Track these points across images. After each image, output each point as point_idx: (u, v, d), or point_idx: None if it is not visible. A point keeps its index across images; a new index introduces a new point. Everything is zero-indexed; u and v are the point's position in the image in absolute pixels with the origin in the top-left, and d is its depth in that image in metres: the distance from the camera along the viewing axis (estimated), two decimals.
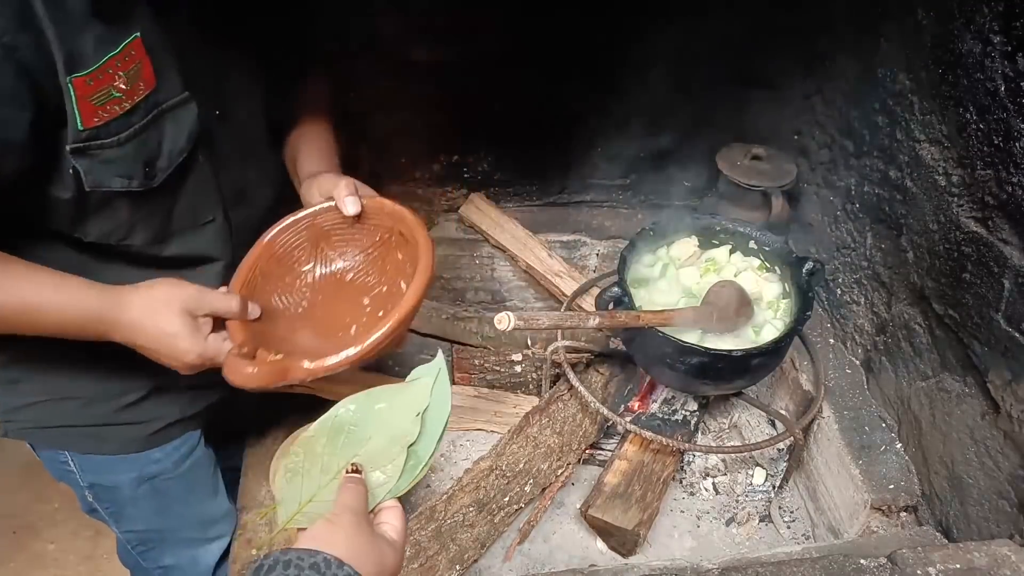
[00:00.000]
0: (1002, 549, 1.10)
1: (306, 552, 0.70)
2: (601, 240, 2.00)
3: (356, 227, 1.11)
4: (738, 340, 1.44)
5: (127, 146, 0.94)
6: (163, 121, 0.97)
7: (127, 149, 0.94)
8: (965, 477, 1.28)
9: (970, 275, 1.24)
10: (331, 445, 0.87)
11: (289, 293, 1.11)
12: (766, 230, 1.59)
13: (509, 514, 1.44)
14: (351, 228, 1.11)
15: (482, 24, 1.76)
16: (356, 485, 0.83)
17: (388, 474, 0.86)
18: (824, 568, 1.10)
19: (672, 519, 1.58)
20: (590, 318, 1.25)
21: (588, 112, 1.92)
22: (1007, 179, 1.14)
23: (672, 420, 1.60)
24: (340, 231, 1.12)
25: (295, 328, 1.07)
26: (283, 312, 1.08)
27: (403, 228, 1.07)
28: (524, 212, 2.04)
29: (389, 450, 0.87)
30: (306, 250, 1.12)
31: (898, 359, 1.48)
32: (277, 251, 1.11)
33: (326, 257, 1.13)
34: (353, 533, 0.76)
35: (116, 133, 0.92)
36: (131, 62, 0.90)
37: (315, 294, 1.12)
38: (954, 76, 1.24)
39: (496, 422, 1.72)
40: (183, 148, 1.01)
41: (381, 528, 0.82)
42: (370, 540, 0.77)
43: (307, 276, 1.12)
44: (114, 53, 0.88)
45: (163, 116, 0.97)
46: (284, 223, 1.11)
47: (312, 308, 1.10)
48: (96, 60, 0.86)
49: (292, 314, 1.08)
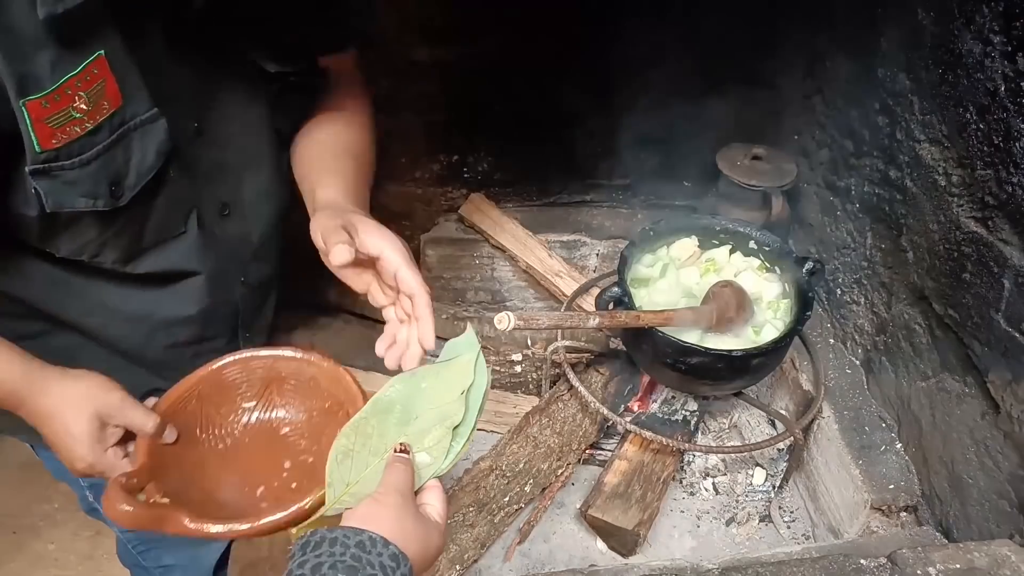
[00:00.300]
0: (1002, 549, 1.09)
1: (352, 530, 0.71)
2: (601, 240, 1.99)
3: (312, 384, 1.04)
4: (738, 340, 1.44)
5: (91, 166, 0.91)
6: (130, 139, 0.93)
7: (91, 169, 0.91)
8: (965, 477, 1.28)
9: (970, 275, 1.24)
10: (380, 426, 0.88)
11: (218, 426, 1.04)
12: (766, 230, 1.59)
13: (509, 514, 1.44)
14: (308, 382, 1.05)
15: (482, 24, 1.76)
16: (403, 465, 0.82)
17: (434, 455, 0.86)
18: (824, 568, 1.10)
19: (672, 519, 1.58)
20: (590, 318, 1.25)
21: (588, 112, 1.92)
22: (1007, 179, 1.14)
23: (672, 420, 1.60)
24: (295, 382, 1.05)
25: (207, 465, 1.00)
26: (203, 443, 1.02)
27: (351, 410, 0.98)
28: (524, 212, 2.04)
29: (434, 430, 0.87)
30: (255, 387, 1.05)
31: (898, 359, 1.48)
32: (225, 379, 1.04)
33: (271, 401, 1.06)
34: (399, 513, 0.76)
35: (78, 154, 0.89)
36: (93, 81, 0.86)
37: (244, 435, 1.04)
38: (954, 76, 1.24)
39: (496, 422, 1.72)
40: (152, 165, 0.97)
41: (424, 509, 0.82)
42: (415, 520, 0.78)
43: (244, 415, 1.05)
44: (73, 74, 0.84)
45: (130, 134, 0.93)
46: (243, 355, 1.04)
47: (234, 450, 1.03)
48: (53, 82, 0.83)
49: (211, 448, 1.02)
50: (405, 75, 1.80)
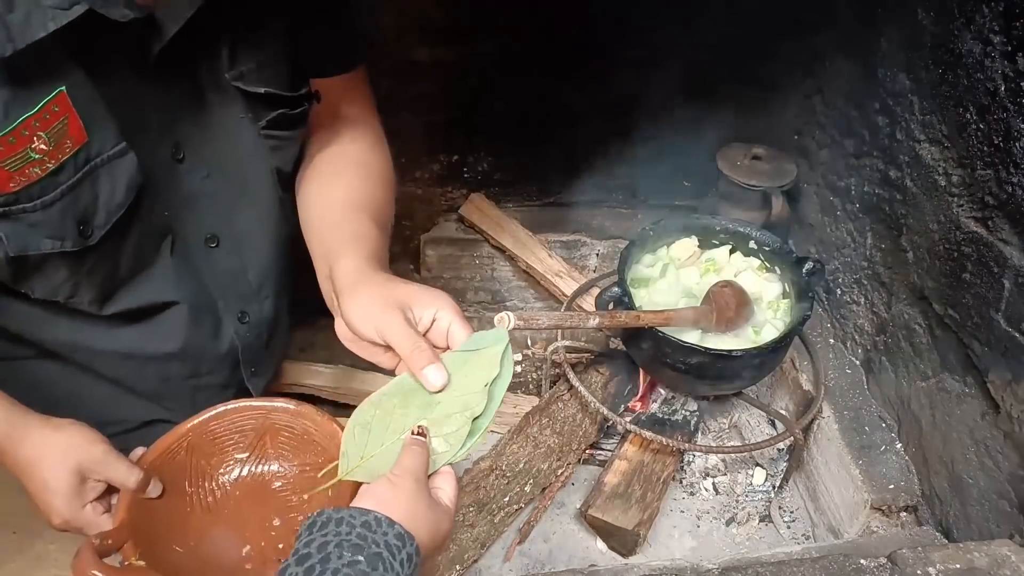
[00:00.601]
0: (1002, 549, 1.09)
1: (358, 511, 0.71)
2: (601, 240, 1.99)
3: (306, 438, 1.00)
4: (738, 340, 1.44)
5: (54, 207, 0.86)
6: (97, 175, 0.88)
7: (54, 210, 0.86)
8: (965, 477, 1.28)
9: (970, 275, 1.24)
10: (403, 406, 0.86)
11: (208, 478, 0.99)
12: (766, 230, 1.59)
13: (509, 514, 1.44)
14: (301, 436, 1.00)
15: (482, 24, 1.76)
16: (420, 448, 0.81)
17: (451, 443, 0.84)
18: (824, 568, 1.10)
19: (672, 519, 1.58)
20: (590, 318, 1.25)
21: (588, 112, 1.92)
22: (1007, 179, 1.14)
23: (672, 420, 1.60)
24: (289, 434, 1.01)
25: (193, 519, 0.95)
26: (190, 496, 0.97)
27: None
28: (524, 212, 2.04)
29: (455, 418, 0.84)
30: (248, 438, 1.01)
31: (898, 359, 1.48)
32: (218, 429, 1.00)
33: (264, 453, 1.02)
34: (412, 497, 0.76)
35: (39, 196, 0.84)
36: (54, 119, 0.81)
37: (234, 488, 1.00)
38: (954, 76, 1.24)
39: (496, 422, 1.71)
40: (123, 202, 0.92)
41: (436, 494, 0.81)
42: (427, 505, 0.77)
43: (235, 466, 1.01)
44: (30, 114, 0.79)
45: (97, 171, 0.88)
46: (237, 405, 1.00)
47: (222, 505, 0.98)
48: (7, 124, 0.78)
49: (198, 502, 0.97)
50: (405, 75, 1.80)
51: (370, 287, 0.89)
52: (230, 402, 1.01)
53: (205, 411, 0.99)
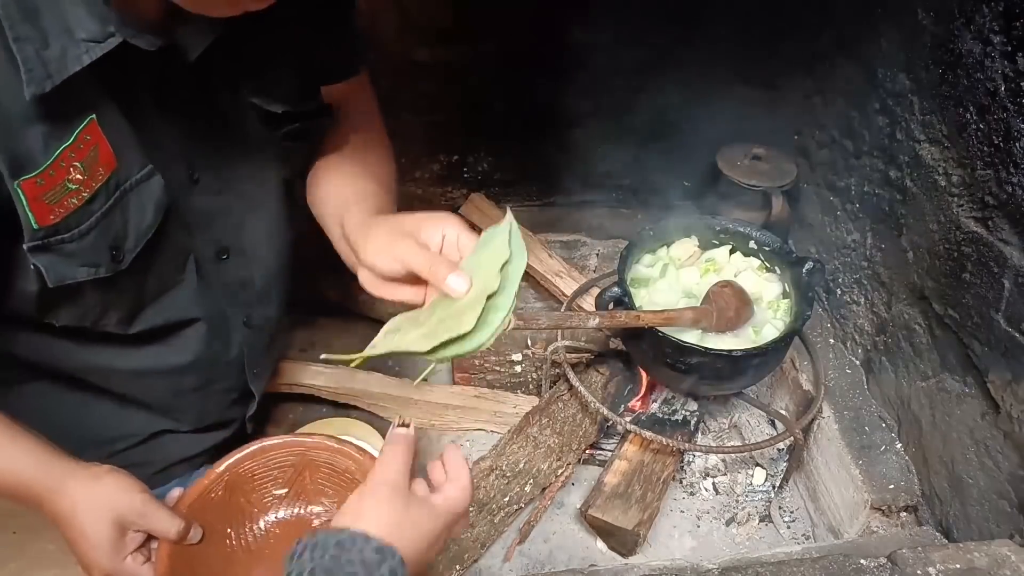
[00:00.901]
0: (1002, 549, 1.09)
1: (333, 532, 0.70)
2: (601, 240, 1.99)
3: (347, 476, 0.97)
4: (738, 340, 1.44)
5: (90, 235, 0.87)
6: (127, 201, 0.89)
7: (89, 239, 0.87)
8: (965, 477, 1.28)
9: (970, 275, 1.24)
10: (430, 312, 0.85)
11: (248, 518, 0.98)
12: (766, 230, 1.59)
13: (509, 514, 1.44)
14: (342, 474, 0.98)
15: (482, 24, 1.76)
16: (399, 447, 0.79)
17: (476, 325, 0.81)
18: (824, 568, 1.10)
19: (672, 519, 1.58)
20: (590, 318, 1.25)
21: (588, 112, 1.92)
22: (1007, 179, 1.14)
23: (672, 420, 1.60)
24: (329, 471, 0.99)
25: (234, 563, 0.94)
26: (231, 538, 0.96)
27: None
28: (524, 212, 2.04)
29: (476, 306, 0.82)
30: (286, 474, 0.99)
31: (898, 359, 1.48)
32: (255, 466, 0.98)
33: (304, 490, 1.00)
34: (388, 505, 0.74)
35: (76, 226, 0.85)
36: (87, 148, 0.82)
37: (274, 527, 0.98)
38: (954, 76, 1.24)
39: (496, 422, 1.72)
40: (151, 224, 0.93)
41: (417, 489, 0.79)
42: (406, 508, 0.75)
43: (274, 504, 0.99)
44: (67, 145, 0.80)
45: (127, 196, 0.89)
46: (274, 441, 0.99)
47: (263, 545, 0.96)
48: (47, 158, 0.79)
49: (238, 545, 0.95)
50: (405, 75, 1.80)
51: (380, 228, 0.91)
52: (267, 439, 0.99)
53: (240, 449, 0.97)
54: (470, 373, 1.79)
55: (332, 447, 0.98)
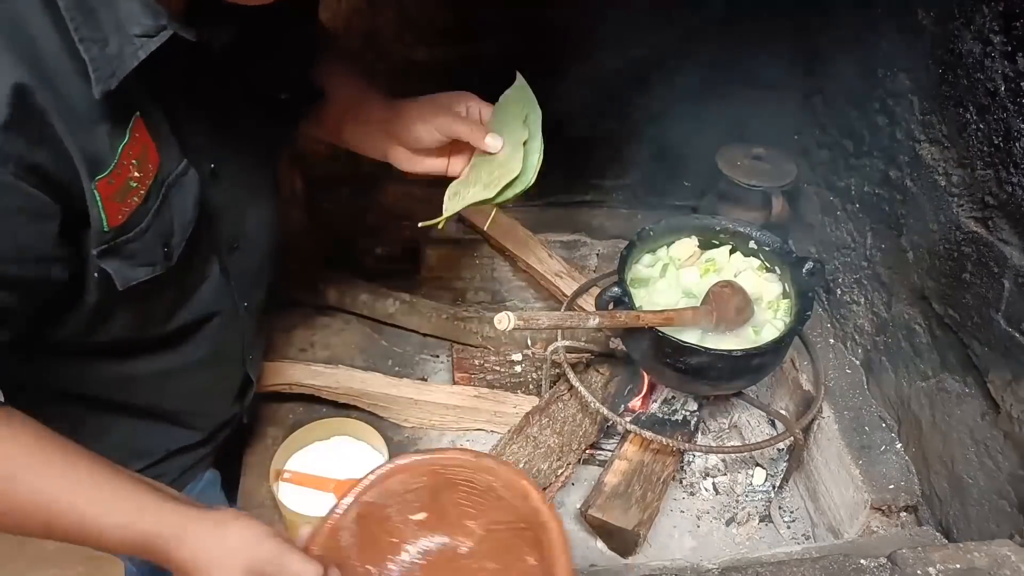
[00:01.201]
0: (1002, 549, 1.09)
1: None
2: (601, 240, 1.99)
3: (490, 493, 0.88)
4: (738, 340, 1.44)
5: (148, 234, 0.88)
6: (171, 196, 0.91)
7: (148, 237, 0.89)
8: (965, 477, 1.28)
9: (970, 275, 1.24)
10: (477, 167, 1.13)
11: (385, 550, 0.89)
12: (766, 230, 1.59)
13: None
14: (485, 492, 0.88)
15: (482, 24, 1.76)
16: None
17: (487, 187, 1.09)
18: (824, 568, 1.10)
19: (672, 519, 1.58)
20: (590, 318, 1.25)
21: (588, 112, 1.92)
22: (1007, 179, 1.14)
23: (672, 420, 1.60)
24: (468, 490, 0.90)
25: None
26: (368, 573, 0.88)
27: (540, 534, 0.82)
28: (524, 212, 2.04)
29: (516, 153, 1.10)
30: (423, 498, 0.90)
31: (898, 359, 1.48)
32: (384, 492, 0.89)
33: (444, 513, 0.91)
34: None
35: (137, 225, 0.87)
36: (139, 145, 0.84)
37: (420, 560, 0.89)
38: (954, 76, 1.24)
39: (496, 422, 1.71)
40: (192, 218, 0.95)
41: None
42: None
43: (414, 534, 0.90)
44: (125, 142, 0.82)
45: (170, 191, 0.91)
46: (404, 462, 0.90)
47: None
48: (113, 156, 0.80)
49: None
50: (405, 75, 1.80)
51: (412, 107, 1.15)
52: (394, 459, 0.92)
53: (366, 476, 0.90)
54: (470, 373, 1.79)
55: (472, 462, 0.90)
